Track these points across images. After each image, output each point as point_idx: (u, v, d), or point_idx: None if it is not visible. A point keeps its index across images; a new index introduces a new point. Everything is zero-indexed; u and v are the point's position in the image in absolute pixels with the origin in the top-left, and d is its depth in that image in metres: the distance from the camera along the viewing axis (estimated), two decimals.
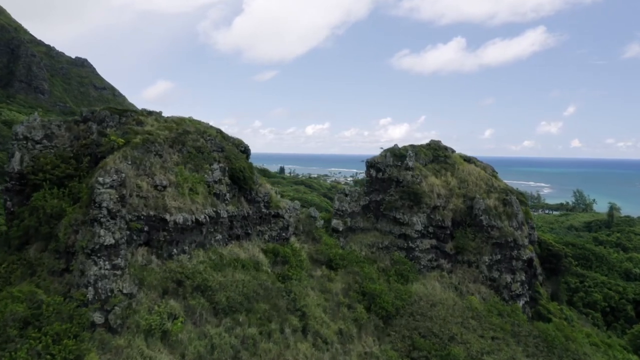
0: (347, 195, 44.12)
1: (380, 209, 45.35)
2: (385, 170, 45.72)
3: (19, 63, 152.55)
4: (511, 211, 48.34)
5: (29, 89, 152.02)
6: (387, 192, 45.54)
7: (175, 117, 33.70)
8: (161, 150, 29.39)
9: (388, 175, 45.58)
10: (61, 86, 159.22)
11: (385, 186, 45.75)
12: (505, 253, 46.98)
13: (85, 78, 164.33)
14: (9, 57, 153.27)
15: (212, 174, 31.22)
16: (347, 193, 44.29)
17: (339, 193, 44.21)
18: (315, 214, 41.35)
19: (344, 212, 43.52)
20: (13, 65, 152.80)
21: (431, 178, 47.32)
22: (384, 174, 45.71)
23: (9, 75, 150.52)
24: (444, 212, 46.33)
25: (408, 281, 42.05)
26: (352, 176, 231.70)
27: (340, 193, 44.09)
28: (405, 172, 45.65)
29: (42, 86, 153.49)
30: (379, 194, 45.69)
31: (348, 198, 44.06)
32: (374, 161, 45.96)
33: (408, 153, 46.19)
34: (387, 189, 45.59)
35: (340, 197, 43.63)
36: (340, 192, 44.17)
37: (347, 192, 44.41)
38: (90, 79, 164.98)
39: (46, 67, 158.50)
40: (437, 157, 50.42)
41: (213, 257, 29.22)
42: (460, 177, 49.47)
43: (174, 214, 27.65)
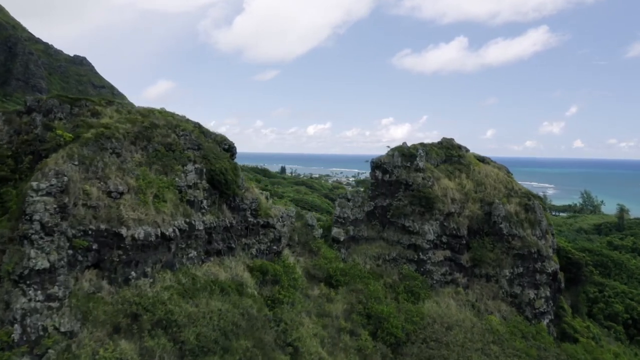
0: (349, 200, 37.88)
1: (387, 215, 39.09)
2: (392, 171, 39.44)
3: (16, 61, 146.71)
4: (534, 218, 42.00)
5: (26, 87, 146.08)
6: (394, 197, 39.25)
7: (142, 107, 27.62)
8: (119, 148, 23.21)
9: (396, 177, 39.31)
10: (59, 84, 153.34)
11: (392, 190, 39.46)
12: (528, 265, 40.66)
13: (83, 76, 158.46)
14: (6, 55, 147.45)
15: (186, 176, 25.02)
16: (349, 198, 38.05)
17: (340, 198, 37.95)
18: (312, 222, 35.13)
19: (346, 220, 37.28)
20: (10, 63, 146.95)
21: (444, 180, 41.02)
22: (392, 176, 39.43)
23: (6, 73, 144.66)
24: (459, 220, 40.02)
25: (419, 299, 35.79)
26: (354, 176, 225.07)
27: (342, 198, 37.84)
28: (415, 174, 39.36)
29: (39, 84, 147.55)
30: (386, 198, 39.42)
31: (350, 203, 37.83)
32: (380, 162, 39.69)
33: (418, 152, 39.90)
34: (395, 193, 39.31)
35: (341, 203, 37.38)
36: (342, 197, 37.91)
37: (350, 196, 38.16)
38: (88, 78, 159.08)
39: (44, 65, 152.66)
40: (450, 157, 44.11)
41: (183, 281, 23.03)
42: (477, 179, 43.14)
43: (133, 228, 21.47)
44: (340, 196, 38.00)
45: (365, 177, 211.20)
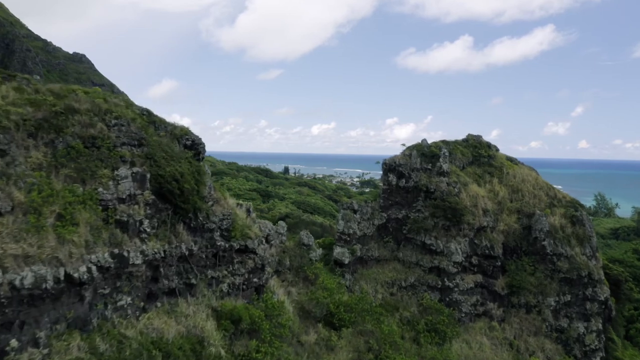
0: (355, 212, 29.04)
1: (402, 230, 30.31)
2: (410, 175, 30.59)
3: (13, 58, 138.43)
4: (583, 233, 33.08)
5: None
6: (412, 207, 30.44)
7: (59, 85, 19.08)
8: (6, 143, 14.61)
9: (414, 182, 30.47)
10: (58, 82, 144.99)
11: (409, 198, 30.64)
12: (577, 292, 31.80)
13: (83, 74, 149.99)
14: (3, 51, 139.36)
15: (116, 186, 16.37)
16: (355, 208, 29.18)
17: (345, 208, 29.09)
18: (308, 241, 26.37)
19: (352, 237, 28.47)
20: (7, 61, 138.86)
21: (473, 187, 32.16)
22: (409, 181, 30.58)
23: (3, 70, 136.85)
24: (493, 236, 31.16)
25: (445, 339, 27.01)
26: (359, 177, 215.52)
27: (346, 208, 28.98)
28: (438, 179, 30.52)
29: None
30: (401, 209, 30.61)
31: (357, 215, 29.00)
32: (394, 163, 30.82)
33: (442, 152, 31.03)
34: (413, 203, 30.49)
35: (346, 215, 28.54)
36: (346, 207, 29.05)
37: (356, 206, 29.30)
38: (88, 75, 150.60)
39: (42, 63, 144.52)
40: (479, 158, 35.19)
41: (102, 347, 14.41)
42: (512, 184, 34.23)
43: (13, 270, 12.89)
44: (345, 206, 29.19)
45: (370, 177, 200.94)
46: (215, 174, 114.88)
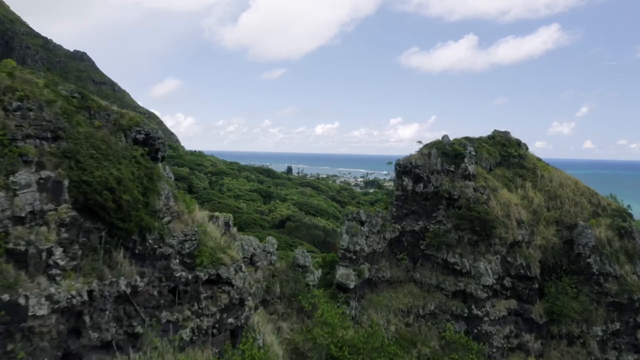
0: (363, 224, 23.17)
1: (419, 245, 24.51)
2: (429, 179, 24.73)
3: (13, 56, 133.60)
4: (633, 248, 27.12)
5: None
6: (431, 217, 24.63)
7: None
8: None
9: (434, 187, 24.64)
10: None
11: (429, 206, 24.80)
12: (627, 319, 25.85)
13: (83, 72, 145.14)
14: (2, 49, 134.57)
15: (12, 199, 10.75)
16: (363, 219, 23.29)
17: (349, 219, 23.14)
18: (305, 261, 20.57)
19: (358, 254, 22.64)
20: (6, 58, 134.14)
21: (504, 193, 26.27)
22: (427, 185, 24.72)
23: None
24: (529, 252, 25.28)
25: None
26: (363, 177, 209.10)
27: (352, 219, 23.05)
28: (463, 183, 24.68)
29: None
30: (419, 219, 24.78)
31: (365, 228, 23.14)
32: (409, 164, 24.94)
33: (467, 150, 25.17)
34: (433, 212, 24.67)
35: (351, 228, 22.66)
36: (352, 217, 23.11)
37: (364, 216, 23.41)
38: (89, 73, 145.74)
39: (42, 60, 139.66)
40: (508, 158, 29.26)
41: None
42: (548, 190, 28.29)
43: None
44: (350, 216, 23.27)
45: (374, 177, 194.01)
46: (216, 174, 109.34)
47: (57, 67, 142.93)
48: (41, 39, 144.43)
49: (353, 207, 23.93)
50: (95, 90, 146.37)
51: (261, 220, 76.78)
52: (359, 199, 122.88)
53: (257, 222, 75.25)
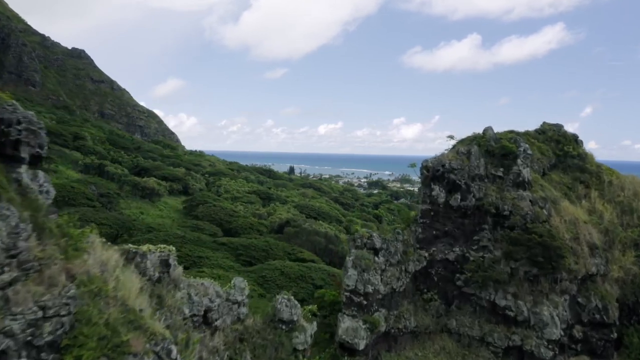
0: (377, 252, 15.55)
1: (455, 281, 17.02)
2: (469, 187, 17.09)
3: (9, 53, 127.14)
4: None
5: (19, 80, 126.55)
6: (472, 241, 17.11)
7: None
8: None
9: (476, 199, 17.09)
10: (55, 78, 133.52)
11: (468, 226, 17.26)
12: None
13: (81, 70, 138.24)
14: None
15: None
16: (377, 246, 15.57)
17: (357, 245, 15.41)
18: (291, 314, 13.10)
19: (371, 297, 15.13)
20: (2, 55, 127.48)
21: (567, 206, 18.68)
22: (467, 196, 17.12)
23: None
24: (605, 289, 17.72)
25: None
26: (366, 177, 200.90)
27: (361, 246, 15.36)
28: (515, 194, 17.11)
29: (33, 78, 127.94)
30: (454, 243, 17.24)
31: (381, 258, 15.51)
32: (441, 167, 17.24)
33: (520, 148, 17.52)
34: (474, 233, 17.15)
35: (360, 259, 15.00)
36: (361, 243, 15.38)
37: (379, 242, 15.66)
38: (87, 72, 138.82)
39: (39, 58, 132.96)
40: (564, 158, 21.54)
41: None
42: (620, 201, 20.60)
43: None
44: (358, 242, 15.53)
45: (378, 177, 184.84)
46: (214, 175, 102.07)
47: (54, 65, 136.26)
48: (39, 36, 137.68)
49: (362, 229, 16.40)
50: (94, 88, 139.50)
51: (258, 224, 68.88)
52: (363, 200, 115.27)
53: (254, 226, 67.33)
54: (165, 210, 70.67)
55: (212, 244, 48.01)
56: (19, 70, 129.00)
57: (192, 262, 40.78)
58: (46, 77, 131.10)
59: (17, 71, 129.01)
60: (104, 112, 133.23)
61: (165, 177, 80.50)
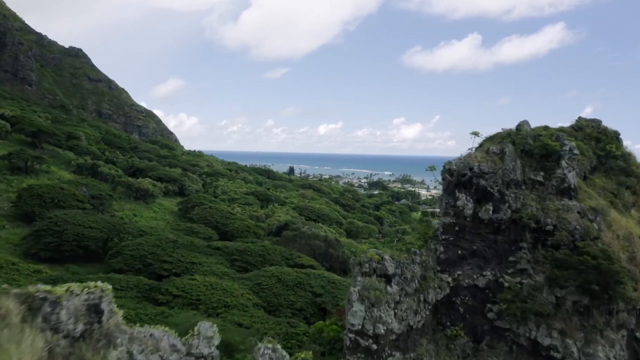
0: (390, 280, 12.05)
1: (486, 313, 13.61)
2: (503, 195, 13.57)
3: (5, 52, 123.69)
4: None
5: (15, 79, 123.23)
6: (507, 263, 13.61)
7: None
8: None
9: (512, 210, 13.59)
10: (52, 77, 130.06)
11: (502, 244, 13.74)
12: None
13: (79, 69, 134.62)
14: None
15: None
16: (390, 271, 12.07)
17: (365, 272, 11.95)
18: None
19: (383, 339, 11.65)
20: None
21: (617, 217, 15.22)
22: (500, 207, 13.59)
23: None
24: None
25: None
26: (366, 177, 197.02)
27: (369, 273, 11.88)
28: (560, 204, 13.62)
29: (29, 77, 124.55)
30: (484, 266, 13.74)
31: (394, 287, 12.03)
32: (468, 169, 13.72)
33: (565, 147, 14.03)
34: (510, 253, 13.69)
35: (368, 290, 11.47)
36: (369, 268, 11.88)
37: (392, 267, 12.13)
38: (84, 70, 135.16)
39: (36, 57, 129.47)
40: (605, 160, 18.01)
41: None
42: None
43: None
44: (365, 266, 11.94)
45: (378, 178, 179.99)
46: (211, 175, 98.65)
47: (51, 64, 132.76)
48: (35, 34, 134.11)
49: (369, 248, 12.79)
50: (91, 87, 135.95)
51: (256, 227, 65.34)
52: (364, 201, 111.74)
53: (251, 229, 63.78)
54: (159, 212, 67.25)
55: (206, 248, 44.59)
56: (15, 69, 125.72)
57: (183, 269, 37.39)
58: (43, 76, 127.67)
59: (13, 70, 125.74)
60: (101, 111, 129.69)
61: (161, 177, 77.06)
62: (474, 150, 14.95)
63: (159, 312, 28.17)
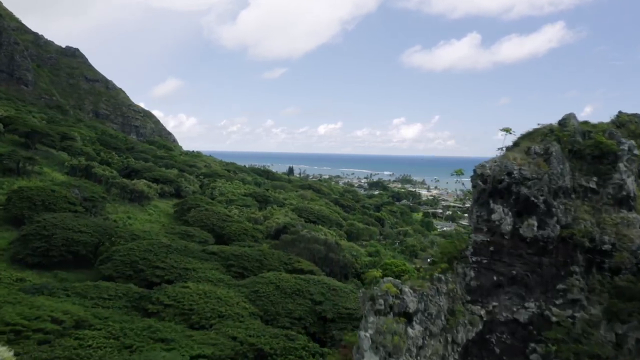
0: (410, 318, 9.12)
1: (529, 355, 10.83)
2: (549, 207, 10.81)
3: (0, 51, 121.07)
4: None
5: (11, 79, 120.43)
6: (555, 292, 10.89)
7: None
8: None
9: (561, 226, 10.78)
10: (48, 77, 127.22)
11: (549, 268, 11.03)
12: None
13: (75, 69, 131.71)
14: None
15: None
16: (411, 309, 9.05)
17: (380, 310, 9.09)
18: None
19: None
20: None
21: None
22: (546, 222, 10.81)
23: None
24: None
25: None
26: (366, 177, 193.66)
27: (385, 311, 8.96)
28: (618, 217, 10.89)
29: (25, 77, 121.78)
30: (526, 295, 10.98)
31: (416, 328, 9.16)
32: (505, 174, 10.90)
33: (623, 147, 11.28)
34: (559, 279, 10.88)
35: (383, 335, 8.62)
36: (384, 305, 9.02)
37: (413, 302, 9.12)
38: (81, 70, 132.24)
39: (32, 57, 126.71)
40: None
41: None
42: None
43: None
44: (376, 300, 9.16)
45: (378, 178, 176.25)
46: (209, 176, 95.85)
47: (47, 64, 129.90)
48: (32, 34, 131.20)
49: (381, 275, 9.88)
50: (88, 87, 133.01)
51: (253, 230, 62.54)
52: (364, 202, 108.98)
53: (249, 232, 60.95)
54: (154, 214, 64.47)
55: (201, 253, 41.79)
56: (10, 69, 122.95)
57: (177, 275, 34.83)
58: (39, 76, 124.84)
59: (9, 70, 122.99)
60: (98, 111, 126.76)
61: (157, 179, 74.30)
62: (504, 150, 12.13)
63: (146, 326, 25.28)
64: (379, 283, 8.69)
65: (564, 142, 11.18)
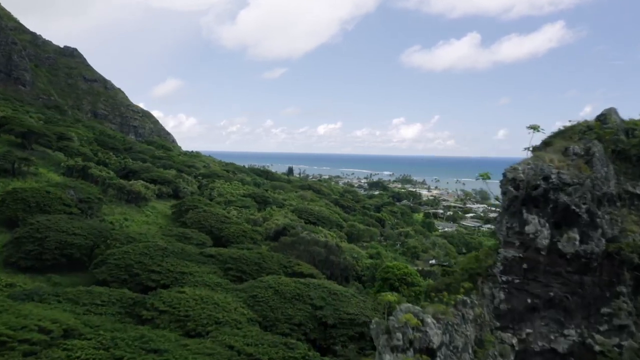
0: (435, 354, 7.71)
1: None
2: (593, 219, 9.19)
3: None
4: None
5: (9, 80, 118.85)
6: (599, 317, 9.33)
7: None
8: None
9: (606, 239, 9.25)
10: (46, 77, 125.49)
11: (591, 287, 9.30)
12: None
13: (74, 69, 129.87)
14: None
15: None
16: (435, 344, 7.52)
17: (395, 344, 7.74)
18: None
19: None
20: None
21: None
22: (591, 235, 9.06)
23: None
24: None
25: None
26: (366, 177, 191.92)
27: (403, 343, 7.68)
28: None
29: (23, 77, 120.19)
30: (565, 320, 9.27)
31: None
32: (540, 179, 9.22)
33: None
34: (603, 302, 9.28)
35: None
36: (401, 341, 7.57)
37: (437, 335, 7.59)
38: (79, 70, 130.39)
39: (30, 57, 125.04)
40: None
41: None
42: None
43: None
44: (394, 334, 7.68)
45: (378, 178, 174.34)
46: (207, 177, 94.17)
47: (45, 64, 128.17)
48: (30, 34, 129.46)
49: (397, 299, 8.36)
50: (87, 87, 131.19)
51: (252, 231, 60.94)
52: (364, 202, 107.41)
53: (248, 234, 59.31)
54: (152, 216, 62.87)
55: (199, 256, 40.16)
56: (8, 69, 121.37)
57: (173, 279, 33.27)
58: (37, 76, 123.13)
59: (7, 70, 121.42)
60: (96, 111, 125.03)
61: (154, 179, 72.72)
62: (531, 149, 10.51)
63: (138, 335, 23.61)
64: (396, 312, 7.10)
65: (606, 141, 9.57)
